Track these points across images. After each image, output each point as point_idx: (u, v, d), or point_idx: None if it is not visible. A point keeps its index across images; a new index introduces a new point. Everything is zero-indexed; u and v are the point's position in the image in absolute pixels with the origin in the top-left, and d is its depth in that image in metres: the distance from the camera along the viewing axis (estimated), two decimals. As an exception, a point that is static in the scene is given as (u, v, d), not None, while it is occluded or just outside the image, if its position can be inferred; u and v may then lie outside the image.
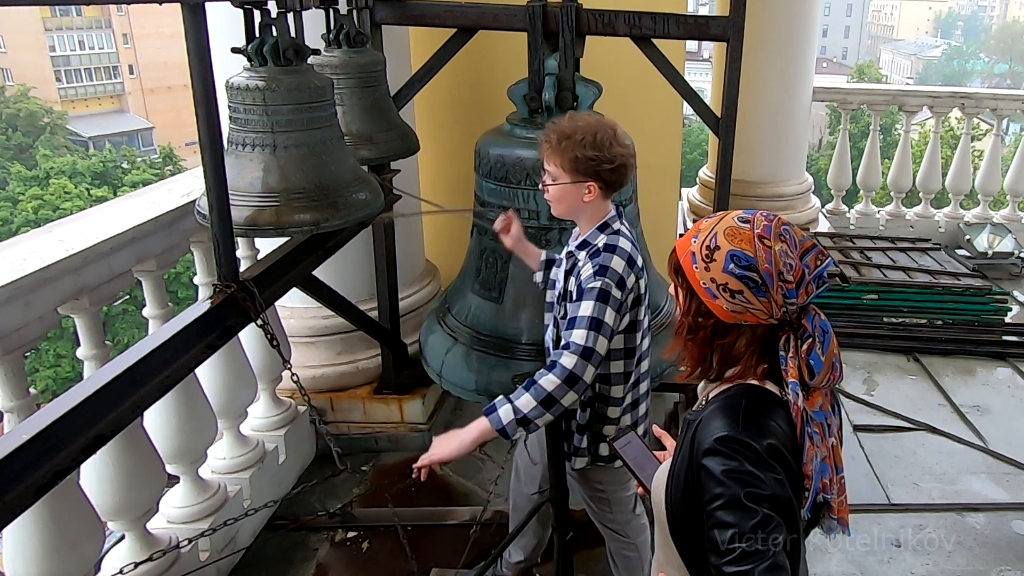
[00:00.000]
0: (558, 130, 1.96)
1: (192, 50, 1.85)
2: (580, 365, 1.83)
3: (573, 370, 1.82)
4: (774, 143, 5.89)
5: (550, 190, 2.00)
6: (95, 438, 1.69)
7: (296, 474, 3.34)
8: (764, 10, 5.21)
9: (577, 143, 1.93)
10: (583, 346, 1.84)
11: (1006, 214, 6.40)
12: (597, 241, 2.00)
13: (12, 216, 24.68)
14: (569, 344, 1.86)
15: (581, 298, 1.91)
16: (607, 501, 2.30)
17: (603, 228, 2.02)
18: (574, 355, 1.83)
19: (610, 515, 2.33)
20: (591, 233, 2.02)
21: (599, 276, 1.90)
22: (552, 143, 1.96)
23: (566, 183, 1.97)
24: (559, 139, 1.95)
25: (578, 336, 1.85)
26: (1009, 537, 3.08)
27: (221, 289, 2.10)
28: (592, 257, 1.95)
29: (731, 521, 1.11)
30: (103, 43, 43.60)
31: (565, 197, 1.99)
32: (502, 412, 1.83)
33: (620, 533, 2.35)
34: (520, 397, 1.83)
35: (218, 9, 1.95)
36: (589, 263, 1.94)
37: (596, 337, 1.85)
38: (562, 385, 1.82)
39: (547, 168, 2.00)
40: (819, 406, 1.23)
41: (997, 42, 66.47)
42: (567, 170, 1.96)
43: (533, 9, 2.77)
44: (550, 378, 1.82)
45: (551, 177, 2.00)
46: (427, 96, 3.42)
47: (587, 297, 1.89)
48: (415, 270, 3.94)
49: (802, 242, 1.23)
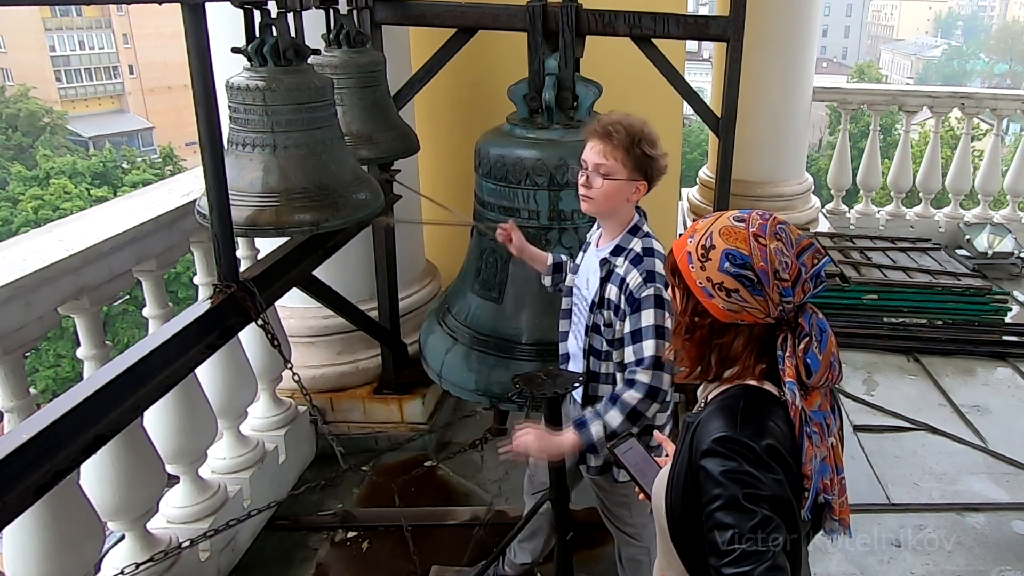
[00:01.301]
0: (624, 125, 1.91)
1: (192, 50, 1.85)
2: (657, 377, 1.87)
3: (652, 384, 1.87)
4: (774, 143, 5.88)
5: (605, 184, 1.94)
6: (95, 438, 1.69)
7: (296, 474, 3.34)
8: (764, 10, 5.21)
9: (643, 140, 1.91)
10: (655, 356, 1.87)
11: (1006, 214, 6.40)
12: (633, 246, 1.97)
13: (12, 216, 24.68)
14: (642, 359, 1.88)
15: (639, 308, 1.90)
16: (627, 505, 2.25)
17: (634, 232, 2.00)
18: (649, 369, 1.87)
19: (629, 519, 2.28)
20: (623, 237, 2.00)
21: (649, 283, 1.90)
22: (620, 137, 1.91)
23: (621, 179, 1.94)
24: (627, 134, 1.91)
25: (648, 348, 1.88)
26: (1009, 537, 3.08)
27: (221, 289, 2.11)
28: (635, 264, 1.94)
29: (730, 522, 1.11)
30: (103, 43, 43.59)
31: (615, 194, 1.95)
32: (593, 429, 1.87)
33: (635, 537, 2.30)
34: (608, 413, 1.88)
35: (218, 9, 1.95)
36: (635, 270, 1.93)
37: (664, 344, 1.88)
38: (645, 399, 1.87)
39: (602, 161, 1.93)
40: (818, 406, 1.23)
41: (997, 42, 66.46)
42: (627, 167, 1.92)
43: (533, 9, 2.77)
44: (632, 394, 1.87)
45: (605, 171, 1.93)
46: (427, 96, 3.42)
47: (645, 306, 1.90)
48: (415, 270, 3.94)
49: (798, 241, 1.23)
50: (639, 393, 1.86)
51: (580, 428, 1.88)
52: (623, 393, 1.88)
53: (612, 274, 1.98)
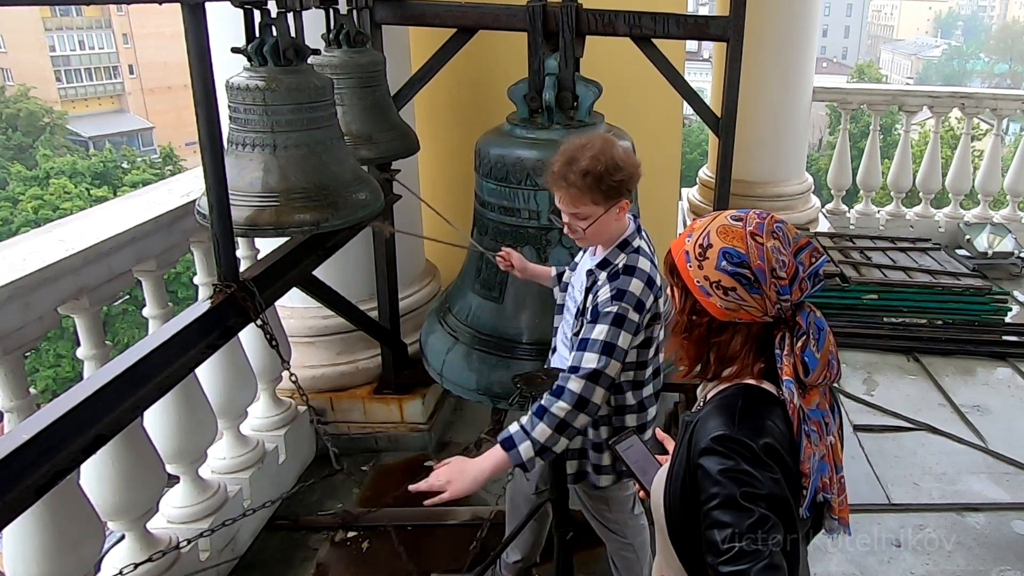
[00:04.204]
0: (581, 167, 1.84)
1: (192, 50, 1.85)
2: (588, 388, 1.81)
3: (581, 394, 1.81)
4: (774, 143, 5.89)
5: (590, 229, 1.90)
6: (95, 438, 1.69)
7: (296, 474, 3.34)
8: (764, 10, 5.21)
9: (605, 172, 1.84)
10: (592, 369, 1.81)
11: (1006, 214, 6.40)
12: (617, 261, 1.96)
13: (12, 216, 24.69)
14: (578, 368, 1.83)
15: (596, 320, 1.87)
16: (604, 499, 2.30)
17: (623, 247, 1.97)
18: (582, 379, 1.81)
19: (608, 514, 2.33)
20: (612, 252, 1.98)
21: (616, 300, 1.87)
22: (581, 184, 1.85)
23: (601, 215, 1.90)
24: (587, 174, 1.84)
25: (588, 359, 1.83)
26: (1009, 537, 3.08)
27: (221, 289, 2.10)
28: (611, 279, 1.91)
29: (727, 521, 1.11)
30: (103, 43, 43.59)
31: (602, 227, 1.93)
32: (522, 448, 1.79)
33: (618, 533, 2.35)
34: (535, 428, 1.80)
35: (218, 9, 1.95)
36: (607, 285, 1.91)
37: (608, 361, 1.83)
38: (572, 410, 1.80)
39: (575, 210, 1.89)
40: (816, 404, 1.23)
41: (997, 42, 66.46)
42: (601, 202, 1.88)
43: (533, 9, 2.77)
44: (560, 405, 1.80)
45: (582, 217, 1.89)
46: (427, 96, 3.42)
47: (602, 321, 1.86)
48: (415, 270, 3.94)
49: (796, 239, 1.23)
50: (567, 404, 1.80)
51: (508, 448, 1.79)
52: (551, 406, 1.80)
53: (595, 285, 1.97)
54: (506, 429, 1.84)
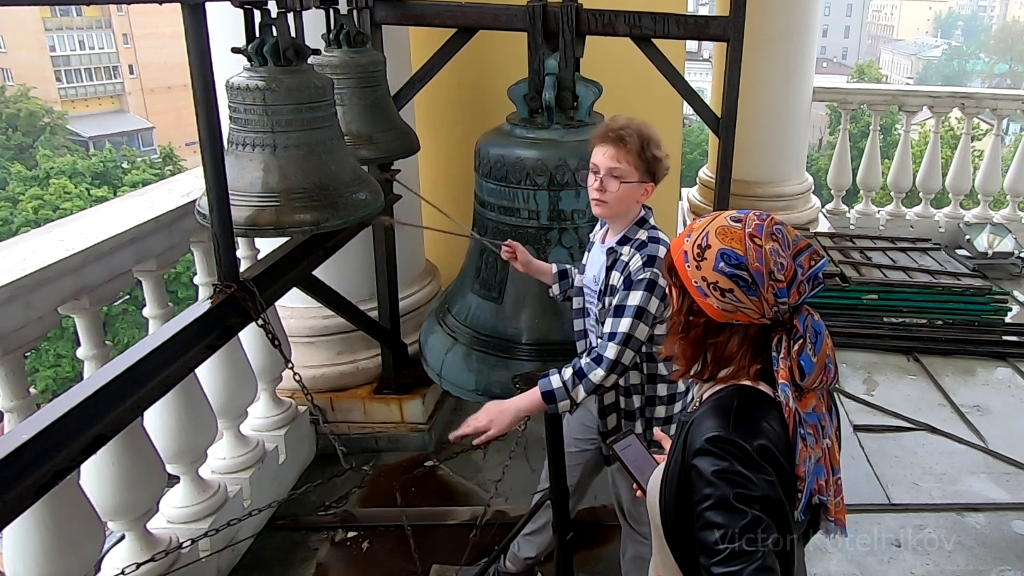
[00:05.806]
0: (634, 129, 1.96)
1: (192, 50, 1.85)
2: (622, 352, 1.92)
3: (617, 359, 1.92)
4: (774, 143, 5.88)
5: (620, 188, 1.99)
6: (95, 438, 1.69)
7: (296, 474, 3.34)
8: (764, 10, 5.21)
9: (653, 143, 1.97)
10: (627, 334, 1.92)
11: (1006, 214, 6.40)
12: (638, 236, 2.03)
13: (12, 216, 24.68)
14: (615, 334, 1.92)
15: (630, 288, 1.95)
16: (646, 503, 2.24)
17: (641, 223, 2.06)
18: (618, 345, 1.92)
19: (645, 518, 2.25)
20: (630, 229, 2.05)
21: (647, 267, 1.95)
22: (632, 142, 1.96)
23: (634, 182, 1.99)
24: (638, 138, 1.96)
25: (624, 325, 1.92)
26: (1009, 537, 3.07)
27: (221, 289, 2.11)
28: (639, 249, 1.99)
29: (720, 522, 1.11)
30: (103, 43, 43.59)
31: (627, 197, 2.01)
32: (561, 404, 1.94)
33: (646, 537, 2.24)
34: (574, 389, 1.93)
35: (218, 9, 1.95)
36: (637, 255, 1.98)
37: (639, 325, 1.93)
38: (608, 375, 1.93)
39: (615, 165, 1.98)
40: (812, 407, 1.23)
41: (997, 42, 66.44)
42: (639, 170, 1.98)
43: (533, 9, 2.77)
44: (599, 373, 1.92)
45: (619, 174, 1.98)
46: (427, 96, 3.42)
47: (636, 287, 1.94)
48: (415, 270, 3.94)
49: (795, 242, 1.23)
50: (605, 371, 1.92)
51: (548, 402, 1.94)
52: (590, 372, 1.93)
53: (617, 261, 2.02)
54: (547, 378, 1.96)
